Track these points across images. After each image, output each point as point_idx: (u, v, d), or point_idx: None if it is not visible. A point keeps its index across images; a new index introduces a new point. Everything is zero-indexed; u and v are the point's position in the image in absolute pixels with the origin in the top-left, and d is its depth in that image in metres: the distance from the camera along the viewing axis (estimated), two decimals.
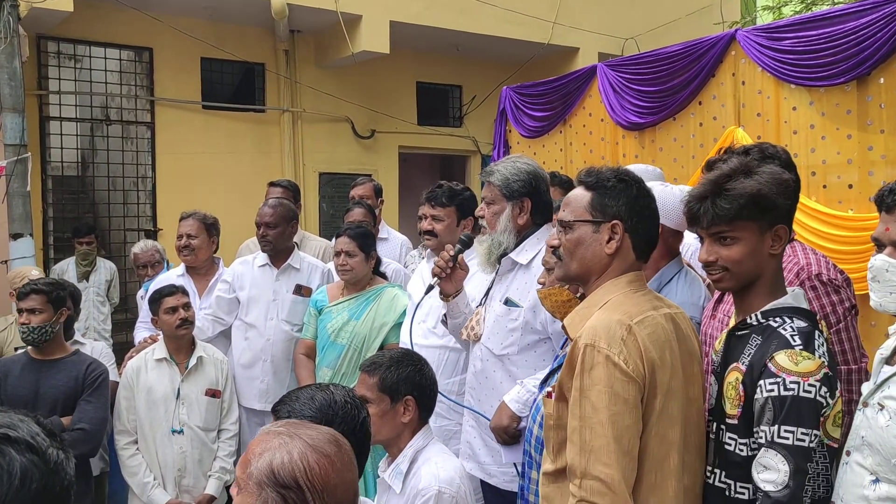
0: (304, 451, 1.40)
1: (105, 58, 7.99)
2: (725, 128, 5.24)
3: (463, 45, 9.28)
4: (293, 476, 1.37)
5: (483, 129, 9.83)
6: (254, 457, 1.41)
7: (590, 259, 2.03)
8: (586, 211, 2.04)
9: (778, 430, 1.73)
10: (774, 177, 1.89)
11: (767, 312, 1.89)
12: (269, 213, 4.12)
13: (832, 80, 4.60)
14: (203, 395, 3.80)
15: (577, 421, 1.85)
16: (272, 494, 1.37)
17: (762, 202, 1.87)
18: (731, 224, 1.89)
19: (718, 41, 5.31)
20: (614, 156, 6.15)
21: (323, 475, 1.38)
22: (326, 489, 1.38)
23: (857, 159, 4.54)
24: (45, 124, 7.66)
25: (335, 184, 9.11)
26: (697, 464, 1.95)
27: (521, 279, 2.96)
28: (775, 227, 1.90)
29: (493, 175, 3.02)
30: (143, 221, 8.23)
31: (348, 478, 1.43)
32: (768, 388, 1.76)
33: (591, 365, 1.85)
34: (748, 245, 1.89)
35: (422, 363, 2.51)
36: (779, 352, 1.78)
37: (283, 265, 4.17)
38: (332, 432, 1.49)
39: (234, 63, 8.60)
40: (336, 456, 1.42)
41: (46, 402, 3.43)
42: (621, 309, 1.92)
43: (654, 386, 1.85)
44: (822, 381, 1.74)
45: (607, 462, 1.79)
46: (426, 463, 2.37)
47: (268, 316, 4.10)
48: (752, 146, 2.42)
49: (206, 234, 4.38)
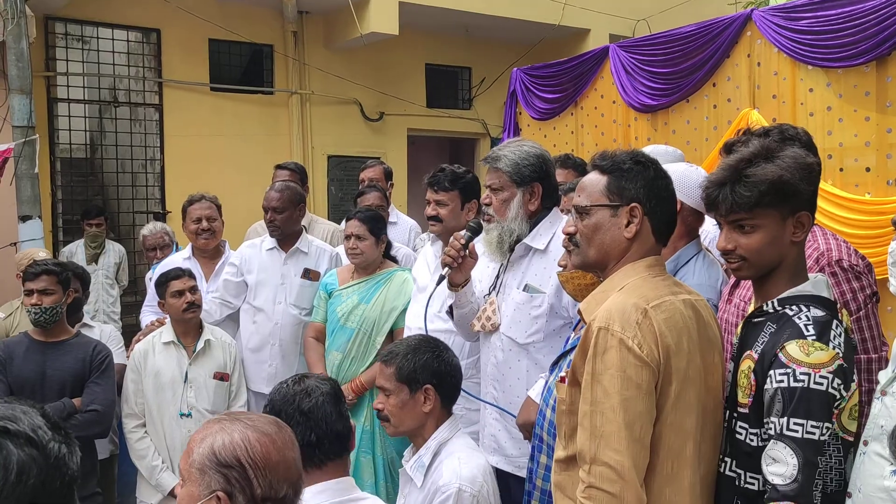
0: (245, 431, 1.44)
1: (113, 39, 7.94)
2: (740, 110, 5.16)
3: (472, 27, 9.19)
4: (235, 455, 1.40)
5: (493, 111, 9.75)
6: (195, 445, 1.44)
7: (609, 244, 1.97)
8: (603, 195, 1.98)
9: (787, 423, 1.68)
10: (797, 161, 1.81)
11: (784, 300, 1.83)
12: (276, 198, 4.08)
13: (850, 60, 4.51)
14: (211, 379, 3.78)
15: (588, 405, 1.81)
16: (215, 476, 1.39)
17: (784, 188, 1.79)
18: (751, 212, 1.82)
19: (734, 21, 5.22)
20: (626, 138, 6.07)
21: (264, 452, 1.42)
22: (268, 466, 1.41)
23: (875, 142, 4.46)
24: (52, 106, 7.63)
25: (343, 166, 9.06)
26: (712, 453, 1.91)
27: (538, 264, 2.88)
28: (798, 213, 1.83)
29: (500, 161, 2.91)
30: (152, 204, 8.21)
31: (290, 456, 1.46)
32: (778, 379, 1.71)
33: (604, 348, 1.80)
34: (769, 233, 1.83)
35: (440, 349, 2.42)
36: (790, 341, 1.72)
37: (291, 249, 4.14)
38: (273, 418, 1.53)
39: (243, 44, 8.54)
40: (277, 435, 1.46)
41: (54, 385, 3.42)
42: (638, 292, 1.87)
43: (670, 372, 1.80)
44: (835, 373, 1.68)
45: (618, 448, 1.74)
46: (449, 457, 2.28)
47: (276, 300, 4.08)
48: (771, 127, 2.36)
49: (220, 215, 4.35)
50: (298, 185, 4.76)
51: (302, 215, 4.23)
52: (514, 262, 2.95)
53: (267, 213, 4.10)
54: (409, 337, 2.50)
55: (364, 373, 3.71)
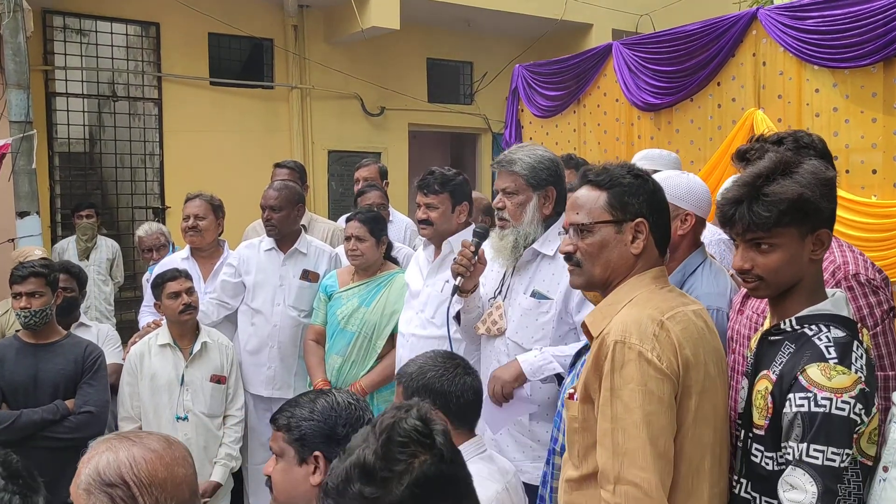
0: (130, 449, 1.43)
1: (111, 33, 7.88)
2: (745, 110, 5.10)
3: (474, 21, 9.12)
4: (119, 473, 1.39)
5: (494, 106, 9.69)
6: (83, 466, 1.42)
7: (616, 261, 1.92)
8: (605, 211, 1.91)
9: (807, 449, 1.62)
10: (818, 177, 1.74)
11: (803, 319, 1.77)
12: (274, 196, 4.02)
13: (857, 61, 4.45)
14: (208, 382, 3.74)
15: (608, 423, 1.75)
16: (100, 497, 1.38)
17: (805, 207, 1.72)
18: (770, 231, 1.75)
19: (739, 20, 5.16)
20: (629, 137, 6.01)
21: (150, 469, 1.41)
22: (154, 483, 1.40)
23: (881, 143, 4.40)
24: (50, 100, 7.58)
25: (344, 162, 9.01)
26: (726, 467, 1.87)
27: (546, 270, 2.84)
28: (817, 231, 1.76)
29: (515, 164, 2.86)
30: (152, 199, 8.17)
31: (180, 473, 1.44)
32: (798, 403, 1.65)
33: (622, 362, 1.74)
34: (787, 252, 1.75)
35: (446, 367, 2.29)
36: (811, 364, 1.66)
37: (289, 250, 4.09)
38: (164, 436, 1.52)
39: (243, 39, 8.48)
40: (165, 452, 1.45)
41: (47, 387, 3.39)
42: (651, 304, 1.82)
43: (689, 385, 1.75)
44: (857, 398, 1.62)
45: (643, 466, 1.68)
46: None
47: (274, 301, 4.03)
48: (785, 135, 2.29)
49: (214, 215, 4.30)
50: (298, 184, 4.71)
51: (300, 215, 4.18)
52: (521, 266, 2.92)
53: (264, 212, 4.04)
54: (424, 354, 2.36)
55: (364, 377, 3.67)
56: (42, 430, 3.28)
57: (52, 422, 3.30)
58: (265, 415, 4.07)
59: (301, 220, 4.78)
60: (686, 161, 5.46)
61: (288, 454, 1.89)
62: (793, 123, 4.81)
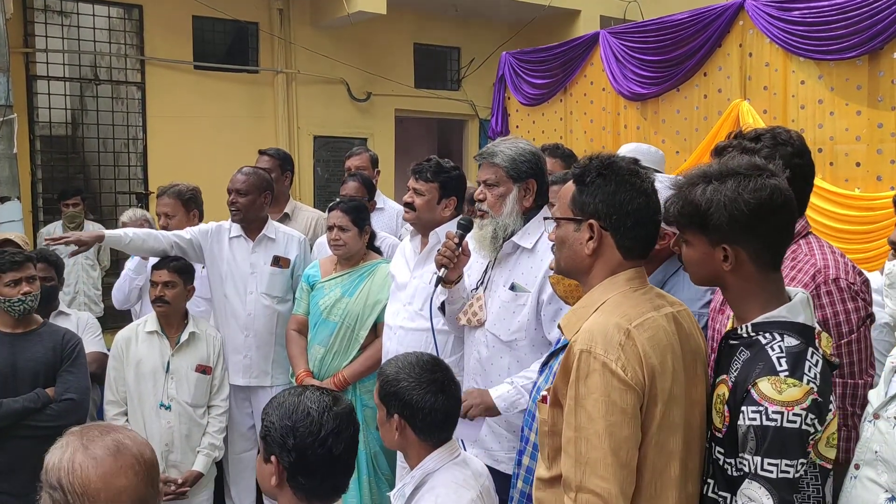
0: (75, 452, 1.39)
1: (94, 15, 7.77)
2: (731, 101, 5.12)
3: (461, 6, 9.07)
4: (58, 477, 1.38)
5: (481, 92, 9.65)
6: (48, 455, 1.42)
7: (573, 257, 1.94)
8: (568, 208, 1.94)
9: (761, 463, 1.64)
10: (737, 198, 1.71)
11: (758, 325, 1.76)
12: (241, 181, 3.96)
13: (843, 53, 4.47)
14: (193, 371, 3.74)
15: (572, 431, 1.76)
16: (44, 495, 1.38)
17: (702, 220, 1.75)
18: (682, 229, 1.83)
19: (726, 10, 5.16)
20: (616, 126, 6.01)
21: (83, 478, 1.36)
22: (87, 494, 1.37)
23: (865, 136, 4.43)
24: (32, 83, 7.47)
25: (330, 147, 8.96)
26: (700, 469, 1.87)
27: (525, 263, 2.87)
28: (727, 245, 1.75)
29: (496, 156, 2.89)
30: (135, 184, 8.09)
31: (117, 484, 1.39)
32: (750, 417, 1.66)
33: (586, 372, 1.74)
34: (696, 253, 1.81)
35: (420, 380, 2.15)
36: (762, 378, 1.67)
37: (258, 236, 4.04)
38: (118, 440, 1.44)
39: (227, 22, 8.38)
40: (106, 460, 1.40)
41: (26, 375, 3.35)
42: (619, 311, 1.81)
43: (655, 394, 1.75)
44: (808, 409, 1.63)
45: (604, 475, 1.70)
46: (430, 492, 2.12)
47: (247, 290, 3.99)
48: (764, 131, 2.28)
49: (184, 209, 4.26)
50: (277, 172, 4.68)
51: (267, 203, 4.08)
52: (502, 259, 2.95)
53: (230, 195, 3.97)
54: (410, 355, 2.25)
55: (347, 367, 3.67)
56: (24, 419, 3.25)
57: (34, 410, 3.27)
58: (244, 404, 4.07)
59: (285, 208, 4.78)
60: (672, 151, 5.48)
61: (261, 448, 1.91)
62: (778, 115, 4.83)
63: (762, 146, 2.18)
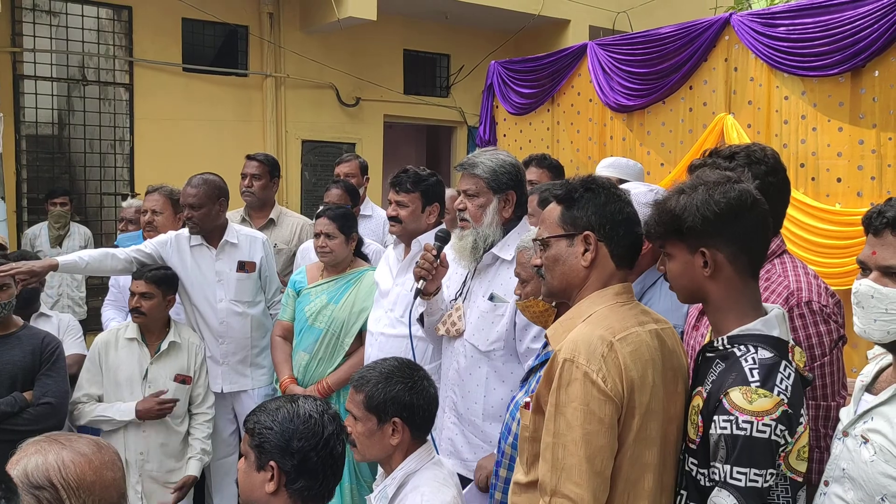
0: (60, 452, 1.45)
1: (82, 15, 7.74)
2: (716, 114, 5.16)
3: (452, 14, 9.09)
4: (46, 476, 1.41)
5: (470, 99, 9.68)
6: (11, 468, 1.43)
7: (568, 273, 1.98)
8: (558, 225, 2.00)
9: (731, 471, 1.69)
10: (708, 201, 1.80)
11: (734, 338, 1.82)
12: (192, 194, 3.85)
13: (826, 70, 4.52)
14: (171, 381, 3.70)
15: (550, 437, 1.81)
16: (27, 498, 1.38)
17: (677, 224, 1.83)
18: (663, 242, 1.89)
19: (712, 25, 5.21)
20: (602, 137, 6.05)
21: (78, 472, 1.43)
22: (82, 486, 1.42)
23: (846, 153, 4.48)
24: (18, 83, 7.43)
25: (318, 152, 8.95)
26: (670, 485, 1.91)
27: (504, 274, 2.89)
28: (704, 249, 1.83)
29: (477, 167, 2.93)
30: (121, 185, 8.06)
31: (108, 476, 1.46)
32: (721, 426, 1.71)
33: (568, 381, 1.79)
34: (678, 263, 1.88)
35: (415, 379, 2.28)
36: (734, 388, 1.71)
37: (220, 243, 3.99)
38: (94, 438, 1.54)
39: (217, 25, 8.37)
40: (94, 455, 1.46)
41: (4, 379, 3.33)
42: (605, 324, 1.86)
43: (633, 406, 1.80)
44: (778, 420, 1.68)
45: (578, 482, 1.75)
46: (413, 491, 2.19)
47: (216, 298, 3.96)
48: (739, 149, 2.31)
49: (172, 209, 4.23)
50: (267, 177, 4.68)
51: (223, 209, 4.00)
52: (481, 270, 2.98)
53: (184, 211, 3.89)
54: (385, 361, 2.36)
55: (331, 374, 3.68)
56: (1, 422, 3.24)
57: (11, 414, 3.26)
58: (224, 411, 4.05)
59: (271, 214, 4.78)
60: (656, 164, 5.52)
61: (250, 457, 1.92)
62: (762, 129, 4.88)
63: (736, 165, 2.21)
